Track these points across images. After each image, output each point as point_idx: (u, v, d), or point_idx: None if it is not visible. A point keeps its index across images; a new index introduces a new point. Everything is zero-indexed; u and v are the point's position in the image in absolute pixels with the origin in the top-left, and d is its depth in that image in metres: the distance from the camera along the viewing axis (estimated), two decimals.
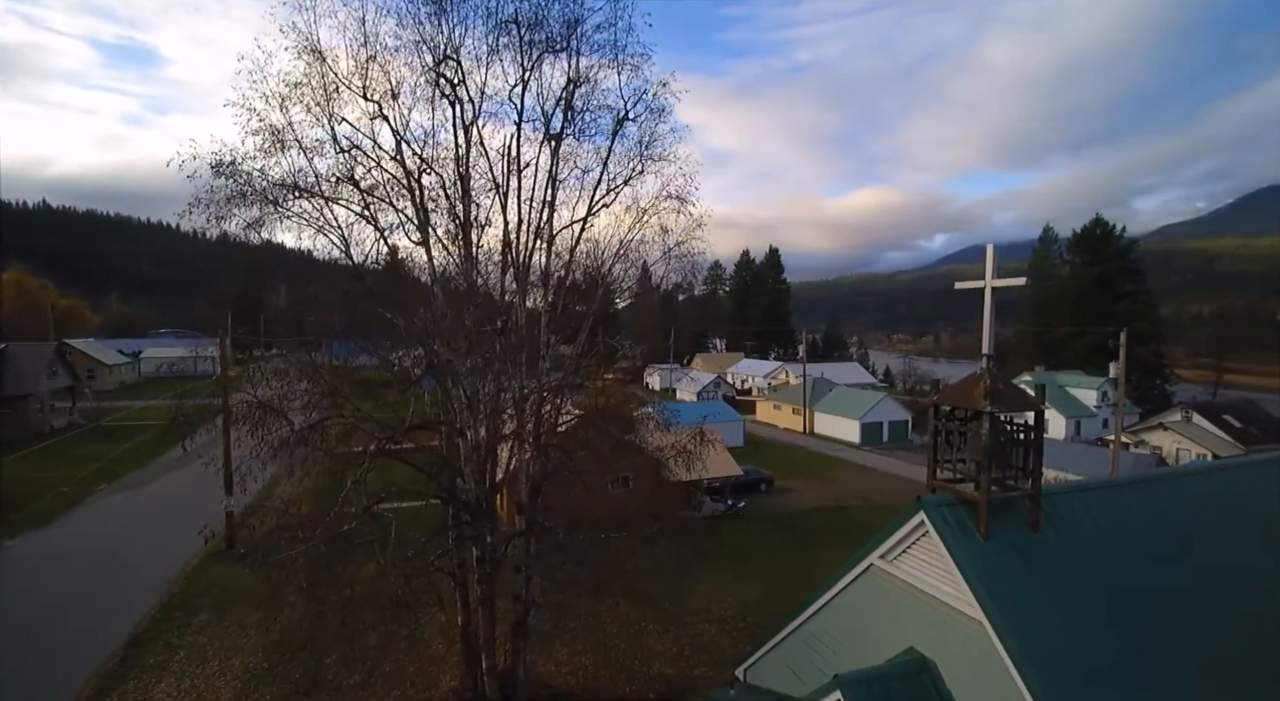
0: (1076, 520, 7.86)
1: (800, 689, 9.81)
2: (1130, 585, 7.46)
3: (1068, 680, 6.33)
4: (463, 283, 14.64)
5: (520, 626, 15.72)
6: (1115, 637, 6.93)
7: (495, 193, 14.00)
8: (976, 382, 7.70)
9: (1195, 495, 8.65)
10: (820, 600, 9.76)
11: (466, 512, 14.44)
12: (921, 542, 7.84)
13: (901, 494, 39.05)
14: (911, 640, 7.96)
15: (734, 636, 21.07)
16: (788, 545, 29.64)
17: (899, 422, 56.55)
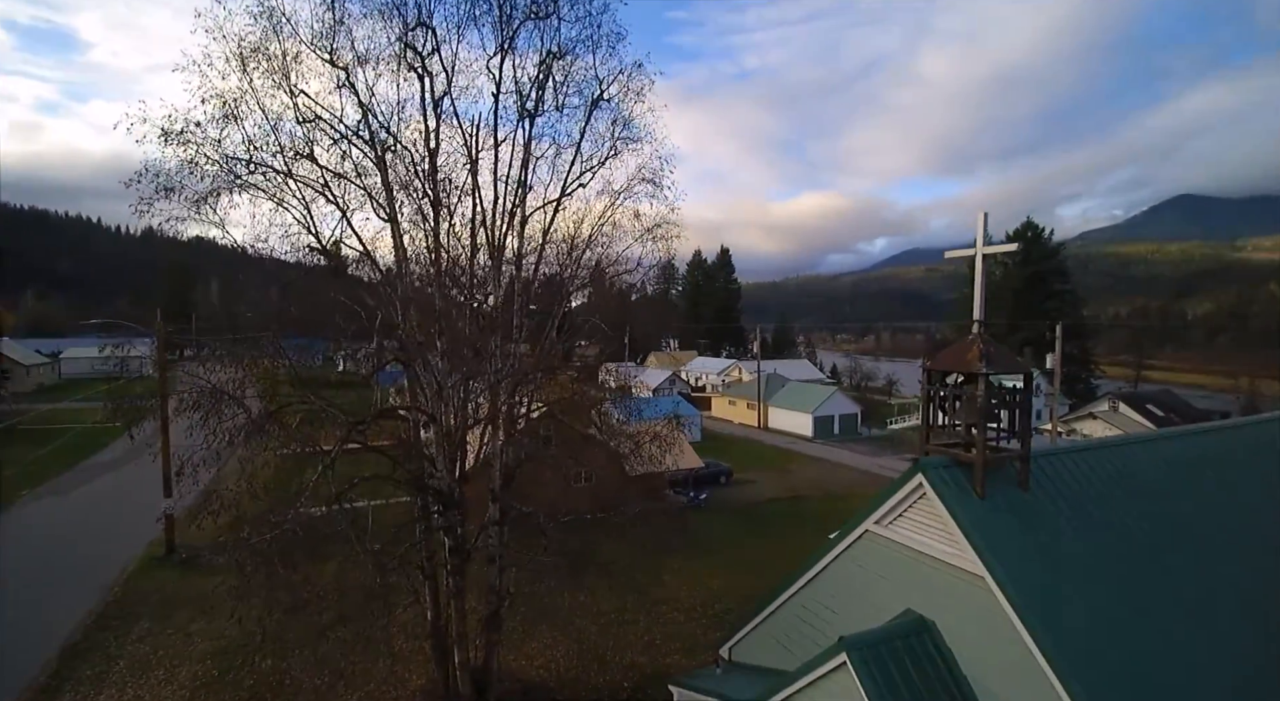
0: (1062, 480, 8.15)
1: (791, 662, 9.81)
2: (1114, 538, 7.79)
3: (1067, 629, 6.53)
4: (431, 264, 14.13)
5: (494, 619, 15.27)
6: (1105, 587, 7.21)
7: (469, 169, 13.53)
8: (970, 347, 7.88)
9: (1167, 456, 9.13)
10: (811, 571, 9.80)
11: (438, 502, 13.93)
12: (919, 505, 7.96)
13: (854, 483, 40.22)
14: (908, 602, 8.07)
15: (703, 624, 21.14)
16: (750, 534, 30.01)
17: (849, 416, 58.14)
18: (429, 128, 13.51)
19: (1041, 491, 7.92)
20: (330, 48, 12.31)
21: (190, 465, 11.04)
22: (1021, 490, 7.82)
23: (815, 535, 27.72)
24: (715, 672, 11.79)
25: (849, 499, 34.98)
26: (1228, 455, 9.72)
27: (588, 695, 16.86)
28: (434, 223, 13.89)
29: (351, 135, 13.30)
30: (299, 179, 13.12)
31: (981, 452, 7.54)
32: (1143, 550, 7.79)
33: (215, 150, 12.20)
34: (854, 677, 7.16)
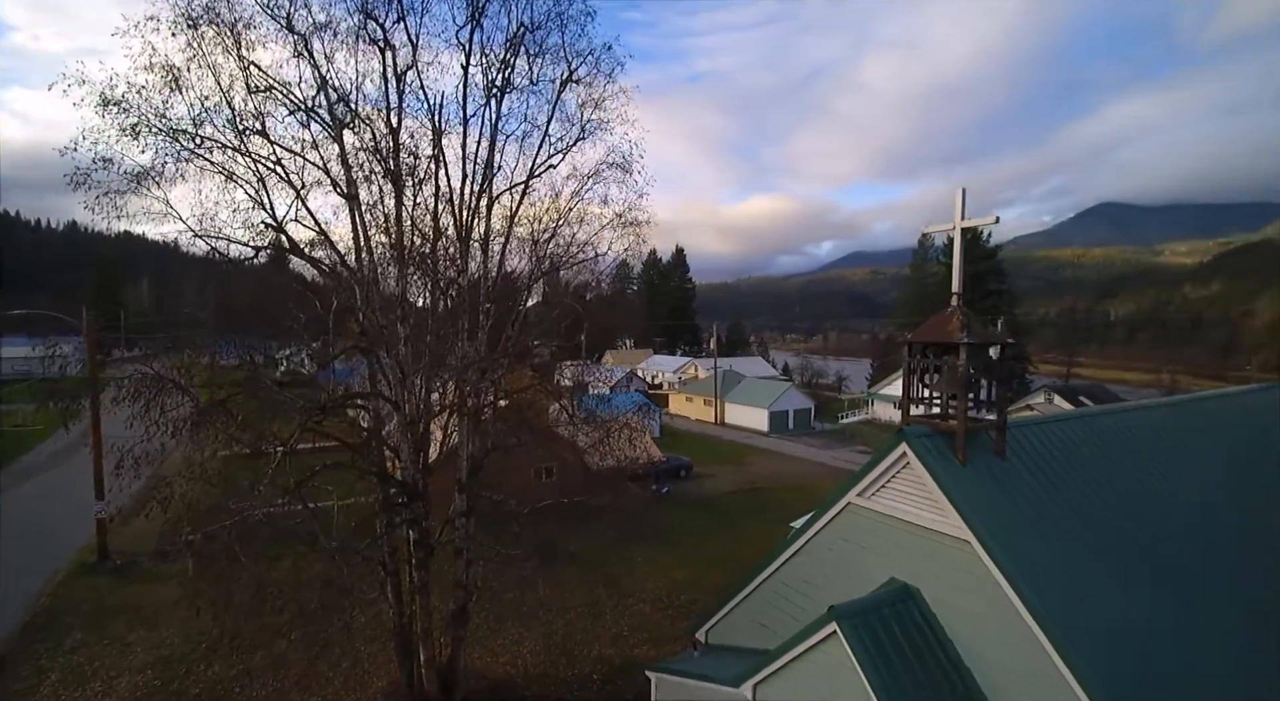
0: (1035, 448, 8.40)
1: (771, 640, 9.82)
2: (1087, 501, 8.08)
3: (1051, 589, 6.70)
4: (393, 246, 13.57)
5: (460, 614, 14.80)
6: (1082, 548, 7.46)
7: (432, 147, 13.05)
8: (950, 318, 8.04)
9: (1131, 426, 9.55)
10: (791, 548, 9.83)
11: (402, 493, 13.39)
12: (903, 474, 8.06)
13: (810, 475, 41.02)
14: (892, 571, 8.17)
15: (670, 614, 21.10)
16: (712, 526, 30.17)
17: (803, 411, 59.29)
18: (391, 103, 12.99)
19: (1016, 459, 8.14)
20: (287, 12, 11.67)
21: (130, 458, 10.24)
22: (999, 458, 8.02)
23: (776, 525, 28.22)
24: (694, 656, 11.72)
25: (806, 490, 35.62)
26: (1181, 426, 10.26)
27: (557, 689, 16.55)
28: (395, 204, 13.36)
29: (308, 109, 12.65)
30: (250, 154, 12.41)
31: (963, 421, 7.69)
32: (1112, 513, 8.10)
33: (159, 120, 11.41)
34: (845, 646, 7.19)
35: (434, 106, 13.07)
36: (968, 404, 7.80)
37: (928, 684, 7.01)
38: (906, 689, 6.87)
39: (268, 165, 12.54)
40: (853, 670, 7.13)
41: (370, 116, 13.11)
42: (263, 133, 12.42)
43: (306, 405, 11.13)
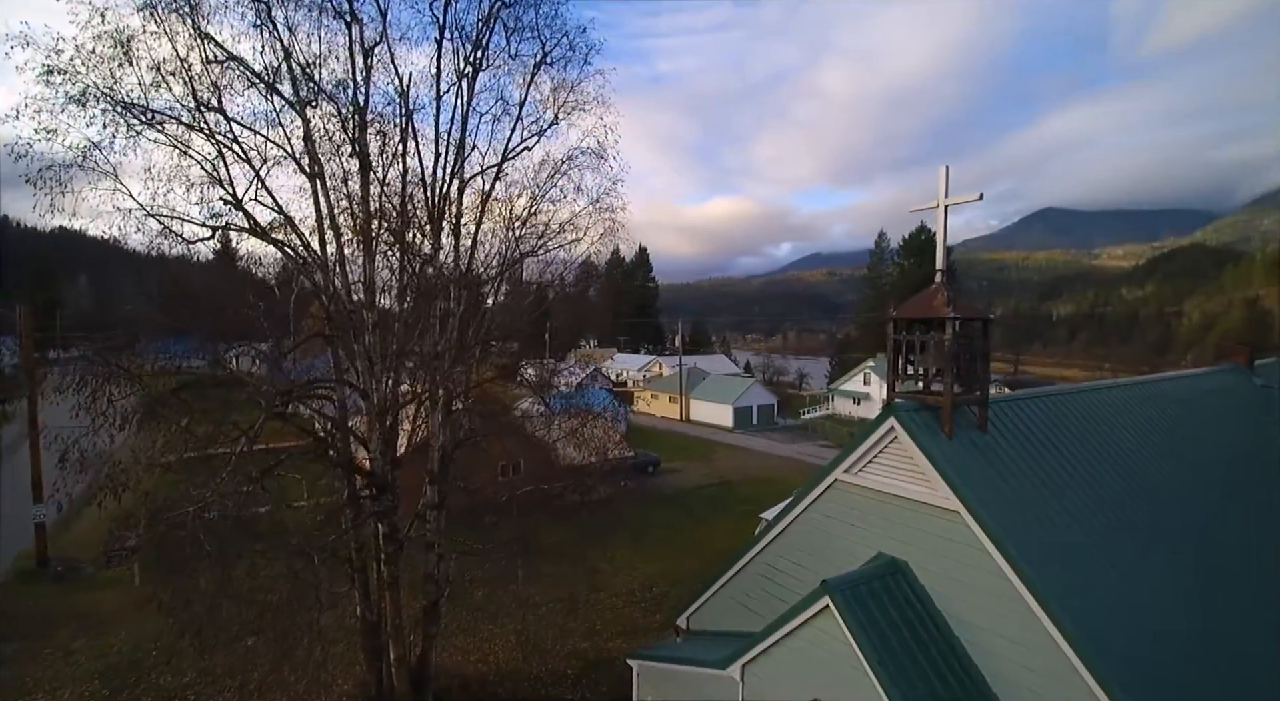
0: (1012, 422, 8.57)
1: (756, 622, 9.78)
2: (1064, 471, 8.28)
3: (1036, 552, 6.83)
4: (359, 229, 13.05)
5: (432, 610, 14.35)
6: (1062, 514, 7.63)
7: (401, 126, 12.60)
8: (935, 294, 8.13)
9: (1096, 404, 9.86)
10: (777, 528, 9.82)
11: (370, 485, 12.90)
12: (890, 448, 8.11)
13: (776, 468, 41.53)
14: (879, 546, 8.21)
15: (643, 607, 21.00)
16: (682, 519, 30.22)
17: (766, 407, 60.01)
18: (358, 79, 12.49)
19: (997, 432, 8.29)
20: None
21: (76, 451, 9.56)
22: (981, 431, 8.14)
23: (745, 517, 28.46)
24: (676, 643, 11.60)
25: (773, 483, 36.01)
26: (1140, 404, 10.66)
27: (530, 686, 16.24)
28: (362, 184, 12.84)
29: (269, 84, 12.05)
30: (206, 130, 11.75)
31: (949, 394, 7.78)
32: (1087, 482, 8.33)
33: (108, 91, 10.71)
34: (838, 619, 7.18)
35: (404, 83, 12.61)
36: (951, 382, 7.90)
37: (920, 654, 7.05)
38: (900, 659, 6.89)
39: (225, 141, 11.91)
40: (845, 643, 7.12)
41: (336, 93, 12.58)
42: (219, 109, 11.78)
43: (271, 389, 10.57)
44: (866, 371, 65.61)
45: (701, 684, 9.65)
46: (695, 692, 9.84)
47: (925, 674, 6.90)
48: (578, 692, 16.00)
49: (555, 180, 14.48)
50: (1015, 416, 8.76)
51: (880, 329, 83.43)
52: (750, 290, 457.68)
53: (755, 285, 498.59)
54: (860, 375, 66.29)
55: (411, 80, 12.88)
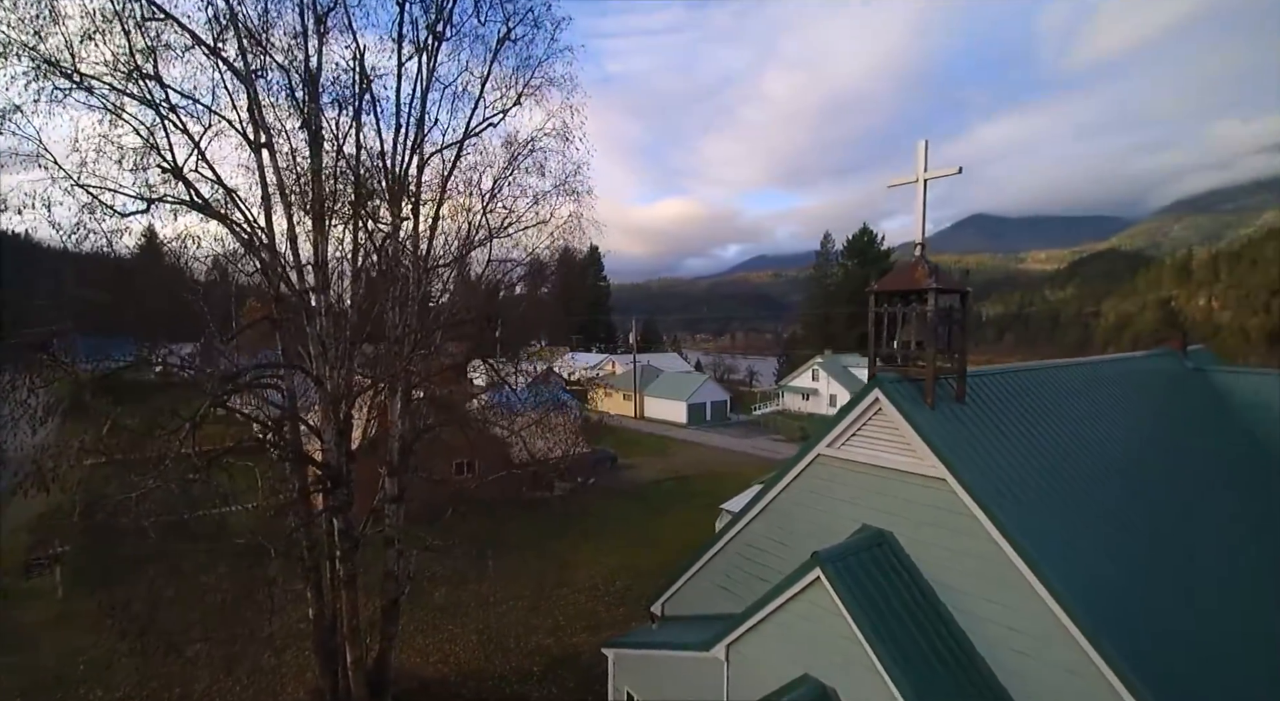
0: (986, 394, 8.73)
1: (736, 603, 9.68)
2: (1037, 439, 8.48)
3: (1021, 516, 6.92)
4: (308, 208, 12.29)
5: (391, 609, 13.69)
6: (1038, 479, 7.79)
7: (356, 96, 11.92)
8: (915, 267, 8.18)
9: (1057, 380, 10.21)
10: (757, 507, 9.72)
11: (325, 478, 12.15)
12: (874, 420, 8.11)
13: (732, 462, 41.90)
14: (864, 518, 8.21)
15: (607, 602, 20.68)
16: (640, 513, 30.05)
17: (720, 403, 60.59)
18: (311, 46, 11.76)
19: (973, 404, 8.41)
20: None
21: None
22: (959, 402, 8.25)
23: (703, 510, 28.51)
24: (652, 629, 11.37)
25: (729, 476, 36.29)
26: (1096, 381, 11.12)
27: (495, 685, 15.69)
28: (313, 159, 12.09)
29: (213, 48, 11.17)
30: (141, 97, 10.82)
31: (931, 365, 7.84)
32: (1060, 451, 8.56)
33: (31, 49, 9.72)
34: (829, 591, 7.11)
35: (360, 50, 11.94)
36: (934, 354, 7.96)
37: (910, 622, 7.05)
38: (892, 628, 6.87)
39: (162, 109, 10.98)
40: (838, 614, 7.06)
41: (287, 61, 11.79)
42: (155, 76, 10.85)
43: (216, 373, 9.78)
44: (815, 367, 67.10)
45: (682, 668, 9.46)
46: (676, 678, 9.64)
47: (916, 641, 6.89)
48: (544, 689, 15.56)
49: (518, 162, 14.07)
50: (987, 389, 8.93)
51: (826, 327, 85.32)
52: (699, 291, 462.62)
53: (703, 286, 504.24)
54: (809, 371, 67.72)
55: (367, 50, 12.24)
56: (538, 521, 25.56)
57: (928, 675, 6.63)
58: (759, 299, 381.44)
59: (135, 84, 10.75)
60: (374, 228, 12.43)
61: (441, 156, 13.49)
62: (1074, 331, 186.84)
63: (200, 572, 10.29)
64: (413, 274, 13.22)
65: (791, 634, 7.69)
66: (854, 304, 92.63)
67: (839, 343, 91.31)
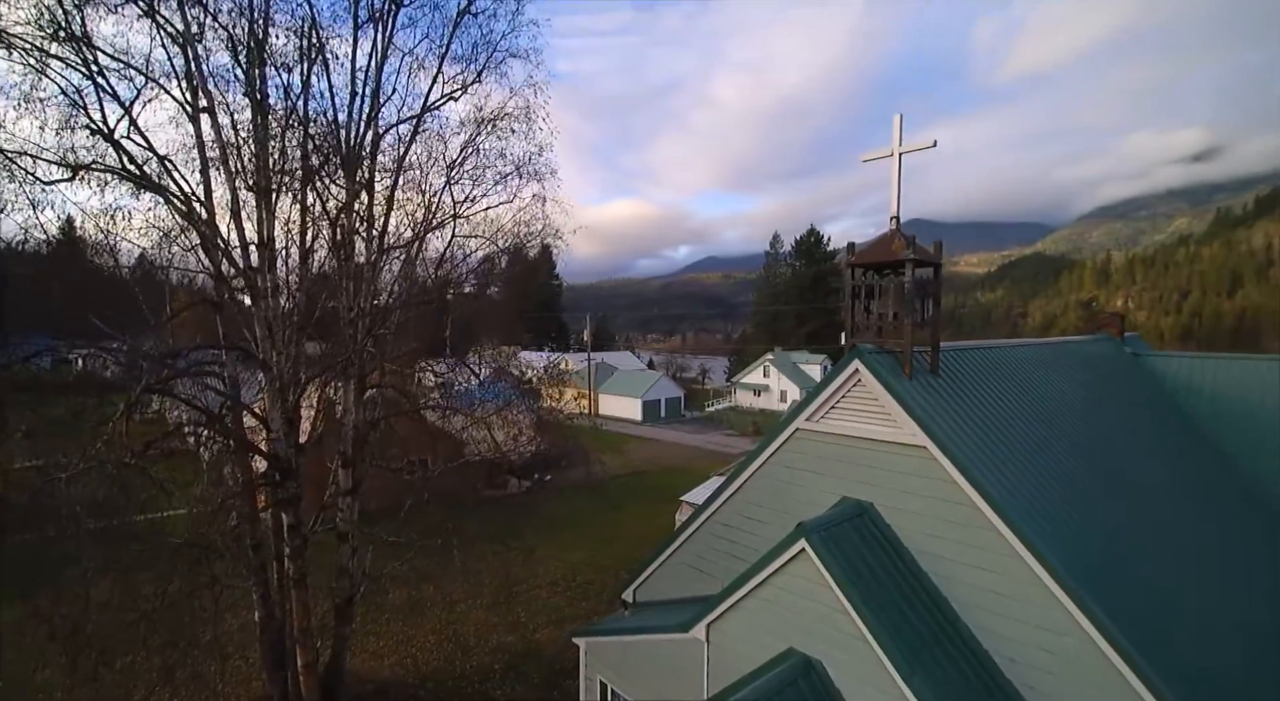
0: (956, 368, 8.85)
1: (712, 584, 9.51)
2: (1006, 411, 8.65)
3: (1000, 481, 7.01)
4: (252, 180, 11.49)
5: (345, 608, 12.96)
6: (1010, 447, 7.93)
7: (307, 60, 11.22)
8: (891, 239, 8.20)
9: (1015, 358, 10.49)
10: (732, 486, 9.60)
11: (275, 469, 11.39)
12: (854, 392, 8.10)
13: (687, 457, 42.09)
14: (842, 491, 8.18)
15: (569, 596, 20.32)
16: (600, 508, 29.74)
17: (674, 400, 60.82)
18: (256, 6, 10.99)
19: (946, 376, 8.51)
20: None
21: None
22: (934, 374, 8.32)
23: (662, 502, 28.46)
24: (623, 616, 11.10)
25: (686, 471, 36.40)
26: (1053, 360, 11.52)
27: (456, 685, 15.11)
28: (259, 128, 11.31)
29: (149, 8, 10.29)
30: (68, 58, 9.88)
31: (908, 336, 7.87)
32: (1027, 419, 8.77)
33: None
34: (815, 561, 7.02)
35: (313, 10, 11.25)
36: (911, 324, 8.00)
37: (894, 590, 7.03)
38: (878, 597, 6.83)
39: (90, 72, 10.05)
40: (824, 585, 6.97)
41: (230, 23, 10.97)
42: (81, 38, 9.91)
43: (154, 352, 8.98)
44: (766, 364, 68.20)
45: (660, 652, 9.23)
46: (652, 663, 9.40)
47: (901, 608, 6.88)
48: (507, 687, 15.08)
49: (478, 142, 13.57)
50: (957, 364, 9.05)
51: (775, 325, 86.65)
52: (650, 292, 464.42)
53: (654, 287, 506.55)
54: (760, 368, 68.77)
55: (319, 13, 11.54)
56: (495, 519, 24.88)
57: (915, 641, 6.61)
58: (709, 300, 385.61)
59: (61, 45, 9.83)
60: (326, 200, 11.71)
61: (398, 132, 12.90)
62: (1004, 330, 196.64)
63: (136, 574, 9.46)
64: (366, 254, 12.58)
65: (775, 609, 7.57)
66: (803, 302, 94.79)
67: (787, 340, 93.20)
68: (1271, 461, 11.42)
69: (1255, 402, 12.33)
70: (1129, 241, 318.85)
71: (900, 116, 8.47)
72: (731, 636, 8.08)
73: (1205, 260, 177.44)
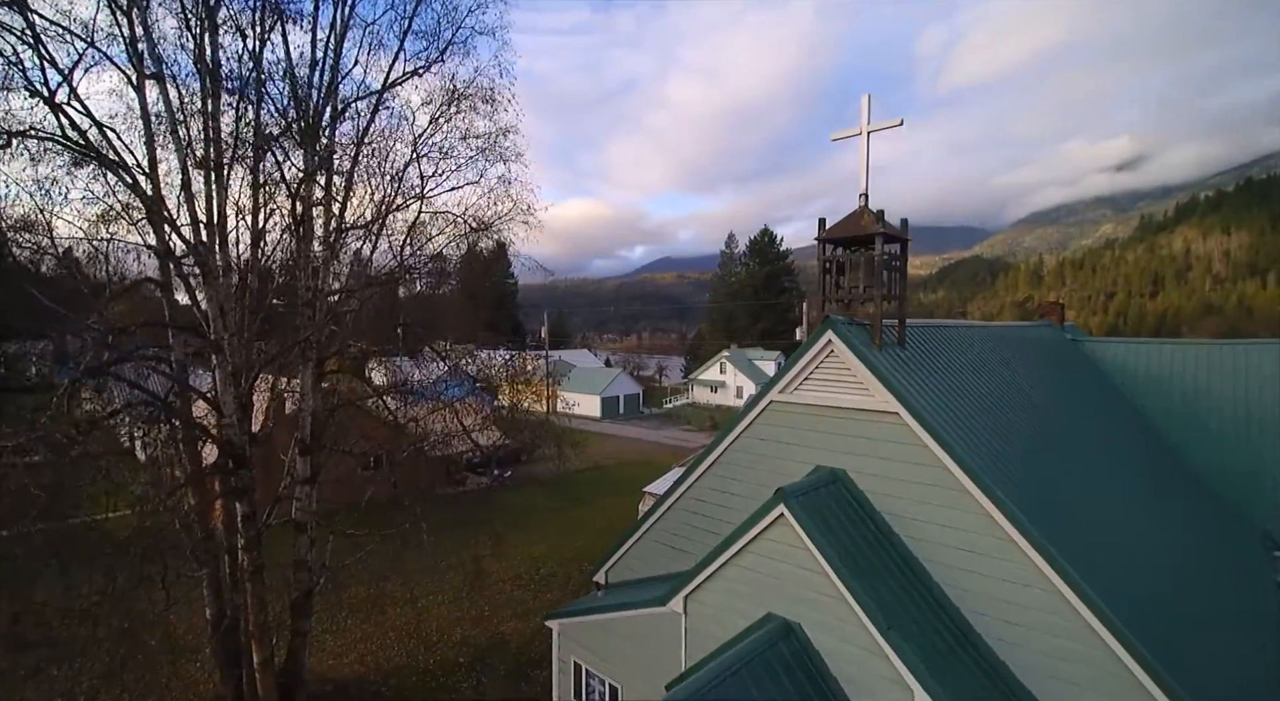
0: (920, 342, 9.16)
1: (685, 561, 9.58)
2: (968, 382, 9.01)
3: (968, 443, 7.29)
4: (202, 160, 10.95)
5: (303, 603, 12.47)
6: (974, 414, 8.25)
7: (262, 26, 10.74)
8: (861, 215, 8.43)
9: (969, 338, 10.94)
10: (705, 462, 9.68)
11: (228, 456, 10.87)
12: (826, 363, 8.28)
13: (647, 452, 42.20)
14: (815, 460, 8.35)
15: (532, 589, 20.11)
16: (562, 503, 29.56)
17: (632, 396, 60.89)
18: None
19: (912, 348, 8.80)
20: None
21: None
22: (901, 346, 8.59)
23: (624, 495, 28.45)
24: (597, 596, 11.04)
25: (646, 465, 36.50)
26: (1004, 341, 12.08)
27: (420, 680, 14.72)
28: (210, 97, 10.76)
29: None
30: None
31: (879, 306, 8.11)
32: (983, 389, 9.16)
33: None
34: (794, 525, 7.14)
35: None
36: (881, 296, 8.23)
37: (869, 551, 7.22)
38: (855, 557, 7.00)
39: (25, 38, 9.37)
40: (803, 548, 7.10)
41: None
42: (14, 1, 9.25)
43: (97, 327, 8.43)
44: (722, 361, 68.99)
45: (636, 629, 9.21)
46: (628, 640, 9.37)
47: (876, 568, 7.07)
48: (473, 679, 14.78)
49: (440, 123, 13.28)
50: (920, 339, 9.37)
51: (730, 324, 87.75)
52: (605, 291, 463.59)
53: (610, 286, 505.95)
54: (717, 365, 69.53)
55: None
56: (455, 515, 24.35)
57: (889, 599, 6.81)
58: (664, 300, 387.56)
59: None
60: (283, 175, 11.24)
61: (356, 108, 12.50)
62: None
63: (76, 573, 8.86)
64: (325, 233, 12.15)
65: (753, 575, 7.67)
66: (757, 300, 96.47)
67: (742, 338, 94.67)
68: (1185, 426, 12.88)
69: (1168, 379, 13.87)
70: (1060, 245, 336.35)
71: (869, 96, 8.70)
72: (710, 606, 8.13)
73: (1130, 263, 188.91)
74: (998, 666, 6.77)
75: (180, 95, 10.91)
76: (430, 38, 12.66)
